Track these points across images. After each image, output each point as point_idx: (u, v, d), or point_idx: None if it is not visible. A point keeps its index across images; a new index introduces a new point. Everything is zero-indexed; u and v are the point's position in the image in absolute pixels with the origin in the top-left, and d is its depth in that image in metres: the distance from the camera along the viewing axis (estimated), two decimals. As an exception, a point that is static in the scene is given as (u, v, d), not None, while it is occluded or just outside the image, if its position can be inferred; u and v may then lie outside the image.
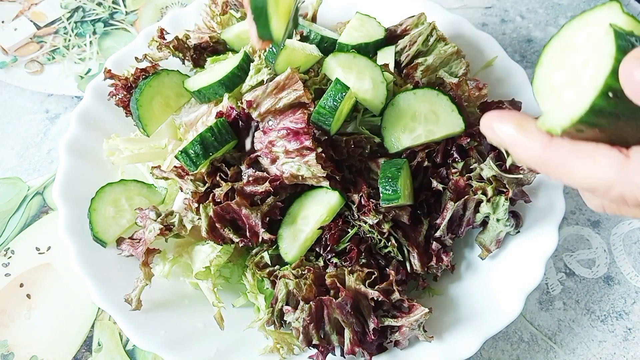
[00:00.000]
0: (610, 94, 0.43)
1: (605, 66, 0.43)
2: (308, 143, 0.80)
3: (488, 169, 0.86)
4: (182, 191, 0.89)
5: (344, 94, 0.81)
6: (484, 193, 0.86)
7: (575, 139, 0.49)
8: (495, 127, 0.53)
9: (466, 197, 0.86)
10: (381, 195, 0.82)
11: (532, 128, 0.50)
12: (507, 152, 0.54)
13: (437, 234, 0.89)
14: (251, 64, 0.90)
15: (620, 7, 0.44)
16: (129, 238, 0.90)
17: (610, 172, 0.48)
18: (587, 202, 0.59)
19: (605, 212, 0.59)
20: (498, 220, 0.87)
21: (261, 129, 0.86)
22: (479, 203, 0.87)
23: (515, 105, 0.97)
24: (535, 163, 0.52)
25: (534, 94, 0.51)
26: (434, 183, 0.89)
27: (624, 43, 0.43)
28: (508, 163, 0.76)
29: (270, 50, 0.87)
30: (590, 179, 0.49)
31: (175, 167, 0.87)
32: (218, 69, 0.94)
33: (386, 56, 1.00)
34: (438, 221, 0.89)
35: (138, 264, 0.86)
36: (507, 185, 0.86)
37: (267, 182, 0.83)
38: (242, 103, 0.87)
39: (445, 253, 0.88)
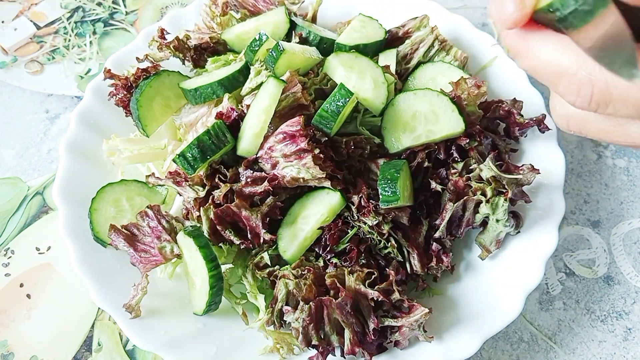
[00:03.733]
0: None
1: None
2: (304, 145, 0.80)
3: (487, 169, 0.86)
4: (180, 196, 0.90)
5: (347, 99, 0.82)
6: (483, 194, 0.86)
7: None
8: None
9: (465, 197, 0.86)
10: (380, 196, 0.82)
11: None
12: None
13: (437, 234, 0.89)
14: (251, 67, 0.90)
15: None
16: (124, 229, 0.89)
17: (572, 60, 0.50)
18: (553, 113, 0.60)
19: (570, 131, 0.60)
20: (498, 220, 0.87)
21: None
22: (478, 203, 0.87)
23: (516, 105, 0.98)
24: (504, 23, 0.53)
25: None
26: (433, 184, 0.89)
27: None
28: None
29: (271, 54, 0.86)
30: (549, 62, 0.51)
31: (170, 173, 0.87)
32: (217, 73, 0.94)
33: (388, 58, 1.00)
34: (437, 222, 0.89)
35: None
36: (506, 186, 0.86)
37: (266, 182, 0.83)
38: (242, 105, 0.87)
39: (445, 254, 0.89)
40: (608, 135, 0.56)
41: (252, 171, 0.85)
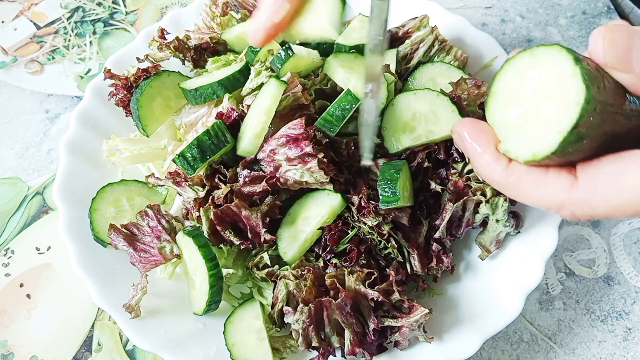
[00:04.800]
0: (573, 138, 0.46)
1: (571, 113, 0.45)
2: (309, 149, 0.80)
3: (488, 169, 0.86)
4: (180, 196, 0.89)
5: (354, 105, 0.82)
6: (483, 194, 0.86)
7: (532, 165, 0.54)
8: (466, 140, 0.59)
9: (465, 197, 0.86)
10: (380, 197, 0.82)
11: (496, 151, 0.56)
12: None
13: (437, 234, 0.89)
14: (251, 67, 0.90)
15: (566, 53, 0.47)
16: (124, 228, 0.89)
17: (562, 193, 0.53)
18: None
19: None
20: (497, 220, 0.87)
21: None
22: (478, 204, 0.87)
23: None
24: (494, 182, 0.58)
25: (487, 118, 0.55)
26: (433, 184, 0.89)
27: (590, 91, 0.45)
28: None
29: (279, 55, 0.87)
30: (544, 200, 0.56)
31: (170, 173, 0.87)
32: (217, 73, 0.94)
33: (388, 58, 1.00)
34: (437, 222, 0.89)
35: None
36: (507, 186, 0.86)
37: (264, 181, 0.83)
38: (242, 105, 0.87)
39: (445, 254, 0.89)
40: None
41: (250, 171, 0.85)
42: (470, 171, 0.90)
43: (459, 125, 0.60)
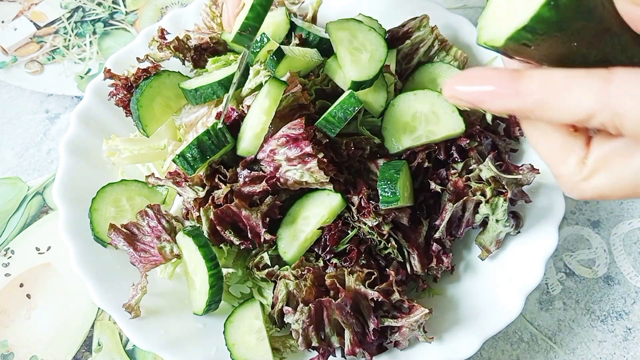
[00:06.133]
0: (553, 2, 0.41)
1: None
2: (309, 149, 0.80)
3: (487, 169, 0.86)
4: (180, 196, 0.89)
5: (356, 107, 0.82)
6: (483, 194, 0.86)
7: (524, 58, 0.47)
8: (461, 90, 0.49)
9: (465, 198, 0.86)
10: (380, 197, 0.82)
11: (496, 76, 0.47)
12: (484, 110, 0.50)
13: (437, 235, 0.89)
14: (250, 68, 0.90)
15: None
16: (124, 228, 0.89)
17: (590, 101, 0.43)
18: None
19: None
20: (497, 220, 0.87)
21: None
22: (478, 204, 0.87)
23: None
24: (512, 109, 0.47)
25: (479, 23, 0.48)
26: (433, 184, 0.89)
27: None
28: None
29: (272, 58, 0.86)
30: (571, 113, 0.45)
31: (170, 173, 0.87)
32: (217, 73, 0.94)
33: (388, 58, 1.00)
34: (437, 222, 0.89)
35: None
36: (506, 186, 0.86)
37: (264, 181, 0.83)
38: (242, 106, 0.87)
39: (446, 254, 0.89)
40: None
41: (250, 171, 0.85)
42: (470, 171, 0.90)
43: (447, 85, 0.50)
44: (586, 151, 0.49)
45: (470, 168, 0.90)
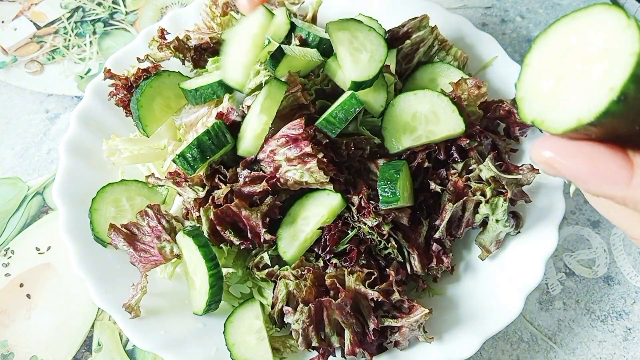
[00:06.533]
0: (632, 91, 0.38)
1: (625, 65, 0.38)
2: (308, 149, 0.80)
3: (487, 169, 0.86)
4: (179, 196, 0.89)
5: (357, 108, 0.82)
6: (483, 194, 0.86)
7: (576, 139, 0.44)
8: (561, 163, 0.45)
9: (465, 198, 0.86)
10: (380, 197, 0.82)
11: (608, 160, 0.43)
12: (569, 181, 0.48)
13: (437, 235, 0.89)
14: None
15: (616, 9, 0.41)
16: (124, 228, 0.89)
17: None
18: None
19: None
20: (497, 220, 0.87)
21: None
22: (478, 204, 0.87)
23: (517, 105, 0.97)
24: (615, 197, 0.45)
25: (517, 90, 0.46)
26: (432, 184, 0.89)
27: None
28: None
29: (272, 57, 0.86)
30: None
31: (170, 173, 0.87)
32: (217, 73, 0.94)
33: (388, 58, 1.00)
34: (437, 222, 0.89)
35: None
36: (505, 186, 0.86)
37: (264, 181, 0.83)
38: (242, 106, 0.87)
39: (445, 254, 0.89)
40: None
41: (250, 171, 0.85)
42: (470, 171, 0.90)
43: (539, 151, 0.47)
44: None
45: (470, 168, 0.90)
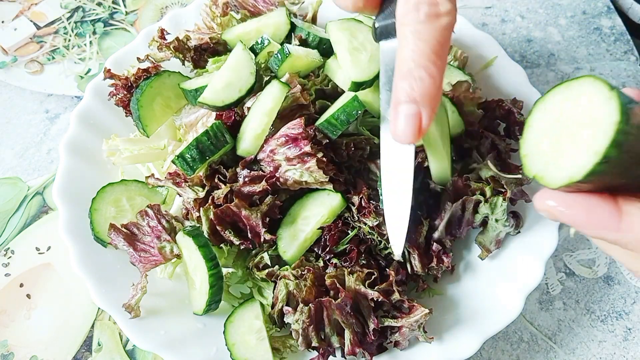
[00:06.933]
0: (613, 155, 0.45)
1: (606, 133, 0.45)
2: (308, 149, 0.80)
3: (486, 169, 0.86)
4: (179, 196, 0.89)
5: (359, 111, 0.82)
6: (482, 193, 0.86)
7: (571, 192, 0.51)
8: (560, 211, 0.53)
9: (464, 197, 0.86)
10: (380, 197, 0.82)
11: (598, 207, 0.51)
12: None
13: (436, 234, 0.89)
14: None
15: (601, 82, 0.47)
16: (124, 228, 0.89)
17: None
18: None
19: None
20: (497, 220, 0.87)
21: None
22: (477, 203, 0.87)
23: (516, 105, 0.97)
24: (609, 239, 0.52)
25: (521, 148, 0.54)
26: (432, 184, 0.89)
27: (626, 109, 0.45)
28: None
29: (276, 56, 0.87)
30: None
31: (170, 173, 0.87)
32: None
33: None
34: (437, 222, 0.89)
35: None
36: (505, 186, 0.86)
37: (264, 181, 0.83)
38: (242, 107, 0.87)
39: (446, 254, 0.88)
40: None
41: (249, 171, 0.85)
42: (470, 171, 0.90)
43: (542, 202, 0.54)
44: None
45: (470, 168, 0.90)
